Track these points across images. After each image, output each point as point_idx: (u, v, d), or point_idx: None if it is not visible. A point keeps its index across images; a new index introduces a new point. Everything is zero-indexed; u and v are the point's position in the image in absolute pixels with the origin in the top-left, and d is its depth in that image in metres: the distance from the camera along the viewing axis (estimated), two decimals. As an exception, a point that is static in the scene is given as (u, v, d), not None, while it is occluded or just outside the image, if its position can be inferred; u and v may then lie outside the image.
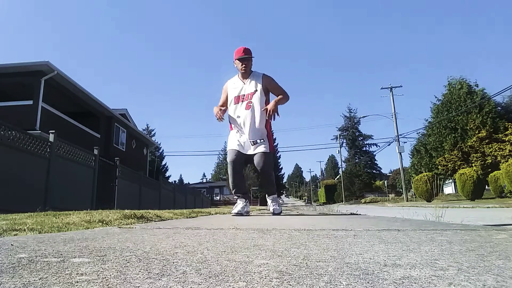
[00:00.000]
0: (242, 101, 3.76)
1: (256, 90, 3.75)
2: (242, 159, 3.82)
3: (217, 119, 3.73)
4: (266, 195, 4.09)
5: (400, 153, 27.09)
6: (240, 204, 3.75)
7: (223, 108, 3.86)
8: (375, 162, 61.47)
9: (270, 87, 3.84)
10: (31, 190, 6.52)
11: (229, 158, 3.78)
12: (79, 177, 8.43)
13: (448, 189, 36.61)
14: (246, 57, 3.77)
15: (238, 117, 3.76)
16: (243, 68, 3.78)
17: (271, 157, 3.90)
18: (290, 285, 0.69)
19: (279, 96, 3.76)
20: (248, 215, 3.79)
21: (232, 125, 3.90)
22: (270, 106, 3.64)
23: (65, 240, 1.34)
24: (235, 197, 3.85)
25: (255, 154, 3.72)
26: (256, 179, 44.11)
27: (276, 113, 3.67)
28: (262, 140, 3.75)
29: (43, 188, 6.84)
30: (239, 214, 3.67)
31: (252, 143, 3.73)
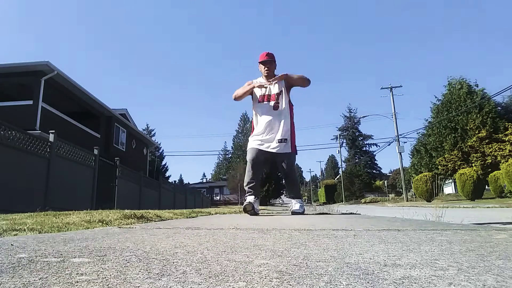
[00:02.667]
0: (269, 101, 3.87)
1: (282, 91, 3.88)
2: (262, 159, 3.86)
3: (269, 81, 3.81)
4: (291, 197, 4.04)
5: (400, 153, 27.10)
6: (248, 198, 3.76)
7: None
8: (375, 162, 61.54)
9: (290, 80, 3.93)
10: (31, 190, 6.52)
11: (249, 157, 3.84)
12: (79, 177, 8.43)
13: (448, 189, 36.61)
14: (268, 61, 3.95)
15: (266, 117, 3.84)
16: (266, 71, 3.96)
17: (294, 157, 3.98)
18: (290, 285, 0.69)
19: (297, 75, 3.91)
20: (257, 214, 3.74)
21: (255, 124, 3.95)
22: (281, 75, 3.83)
23: (65, 240, 1.34)
24: (246, 194, 3.85)
25: (283, 153, 3.79)
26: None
27: (283, 79, 3.84)
28: (286, 140, 3.82)
29: (43, 188, 6.84)
30: (250, 204, 3.67)
31: (277, 141, 3.78)
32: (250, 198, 3.75)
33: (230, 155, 73.88)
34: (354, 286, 0.68)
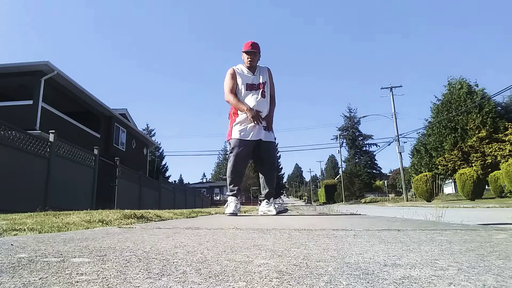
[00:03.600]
0: (257, 89, 3.78)
1: (266, 81, 3.86)
2: (251, 151, 3.75)
3: (257, 122, 3.66)
4: (266, 195, 3.84)
5: (400, 153, 27.11)
6: (232, 203, 3.64)
7: (261, 113, 3.75)
8: (375, 162, 61.53)
9: (269, 81, 3.95)
10: (31, 190, 6.52)
11: (235, 150, 3.67)
12: (79, 177, 8.43)
13: (448, 189, 36.60)
14: (252, 51, 3.81)
15: (254, 104, 3.72)
16: (249, 62, 3.83)
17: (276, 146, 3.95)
18: (290, 285, 0.69)
19: (271, 112, 3.90)
20: (240, 215, 3.71)
21: (239, 112, 3.76)
22: (269, 121, 3.83)
23: (65, 240, 1.34)
24: (229, 193, 3.73)
25: (267, 141, 3.74)
26: (256, 179, 44.27)
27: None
28: (271, 128, 3.84)
29: (43, 188, 6.84)
30: (233, 214, 3.58)
31: (264, 128, 3.74)
32: (233, 205, 3.62)
33: (230, 155, 73.71)
34: (354, 286, 0.68)
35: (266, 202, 3.82)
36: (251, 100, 3.73)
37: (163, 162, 49.35)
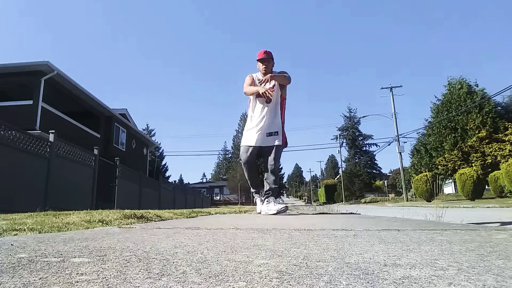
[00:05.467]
0: (269, 101, 4.00)
1: (274, 85, 4.04)
2: (255, 155, 4.01)
3: (268, 95, 3.82)
4: (262, 193, 3.99)
5: (400, 153, 27.11)
6: (259, 204, 4.06)
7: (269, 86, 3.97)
8: (375, 162, 61.53)
9: (275, 78, 4.07)
10: (31, 190, 6.52)
11: (242, 158, 4.00)
12: (79, 177, 8.43)
13: (448, 189, 36.60)
14: (266, 58, 4.07)
15: (261, 110, 3.98)
16: (264, 69, 4.07)
17: (282, 149, 4.10)
18: (290, 285, 0.69)
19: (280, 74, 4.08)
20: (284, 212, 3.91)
21: (250, 118, 4.09)
22: (269, 76, 3.97)
23: (65, 240, 1.34)
24: (254, 195, 4.16)
25: (269, 146, 3.92)
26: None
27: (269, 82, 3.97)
28: (276, 133, 3.96)
29: (43, 188, 6.84)
30: (280, 211, 3.83)
31: (267, 134, 3.93)
32: (259, 203, 4.06)
33: (230, 155, 73.94)
34: (354, 286, 0.68)
35: (269, 199, 3.93)
36: (257, 106, 4.01)
37: (163, 162, 49.36)
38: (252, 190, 4.18)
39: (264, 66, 4.05)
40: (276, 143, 3.92)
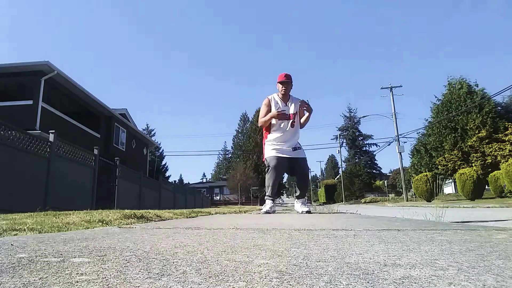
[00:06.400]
0: (288, 119, 4.38)
1: (297, 112, 4.43)
2: (284, 165, 4.35)
3: (284, 119, 4.32)
4: (297, 197, 4.57)
5: (400, 153, 27.09)
6: (268, 205, 4.31)
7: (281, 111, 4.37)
8: (375, 162, 61.47)
9: (300, 112, 4.54)
10: (31, 190, 6.52)
11: (272, 164, 4.27)
12: (79, 177, 8.43)
13: (448, 189, 36.60)
14: (286, 81, 4.41)
15: (284, 132, 4.36)
16: (283, 91, 4.42)
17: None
18: (290, 285, 0.69)
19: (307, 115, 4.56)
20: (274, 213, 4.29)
21: (271, 135, 4.42)
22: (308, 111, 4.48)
23: (65, 240, 1.34)
24: (268, 198, 4.37)
25: (298, 158, 4.34)
26: (256, 179, 44.43)
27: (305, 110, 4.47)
28: (300, 147, 4.41)
29: (43, 188, 6.84)
30: (267, 212, 4.19)
31: (292, 149, 4.33)
32: (268, 205, 4.31)
33: (230, 155, 73.87)
34: (354, 286, 0.68)
35: (301, 202, 4.49)
36: (281, 126, 4.37)
37: (163, 162, 49.35)
38: (269, 196, 4.34)
39: (284, 88, 4.39)
40: (304, 155, 4.40)
